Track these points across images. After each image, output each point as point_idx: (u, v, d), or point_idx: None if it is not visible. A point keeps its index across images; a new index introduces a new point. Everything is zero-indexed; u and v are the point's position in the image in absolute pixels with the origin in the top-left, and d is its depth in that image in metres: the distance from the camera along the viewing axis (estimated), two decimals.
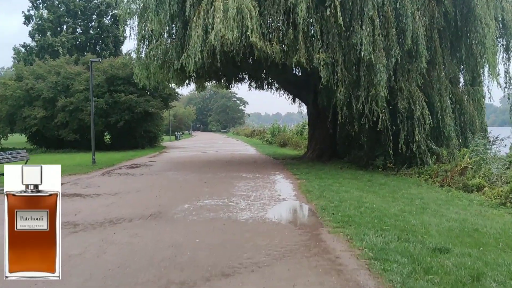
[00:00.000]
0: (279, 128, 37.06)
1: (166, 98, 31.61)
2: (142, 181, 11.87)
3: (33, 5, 41.52)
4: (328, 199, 8.79)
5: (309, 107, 18.83)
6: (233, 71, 16.49)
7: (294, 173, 13.65)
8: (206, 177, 12.71)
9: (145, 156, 22.78)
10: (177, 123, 76.62)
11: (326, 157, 18.15)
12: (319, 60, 13.12)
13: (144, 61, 14.99)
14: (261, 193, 9.76)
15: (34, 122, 27.10)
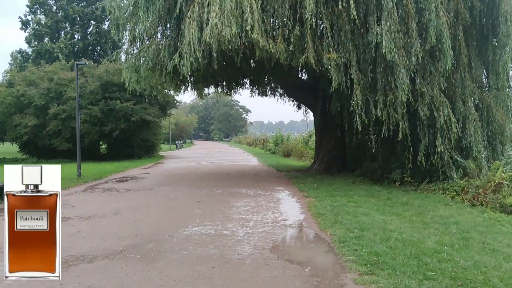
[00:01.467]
0: (282, 137, 35.45)
1: (164, 105, 30.12)
2: (125, 200, 10.26)
3: (31, 10, 40.34)
4: (345, 226, 7.15)
5: (316, 114, 17.23)
6: (233, 74, 14.91)
7: (301, 189, 12.02)
8: (200, 194, 11.09)
9: (139, 168, 21.20)
10: (178, 131, 75.31)
11: (335, 169, 16.50)
12: (330, 60, 11.54)
13: (134, 63, 13.45)
14: (263, 217, 8.12)
15: (25, 130, 25.64)
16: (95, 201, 9.98)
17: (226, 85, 17.84)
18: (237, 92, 19.17)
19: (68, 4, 39.45)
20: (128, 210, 8.76)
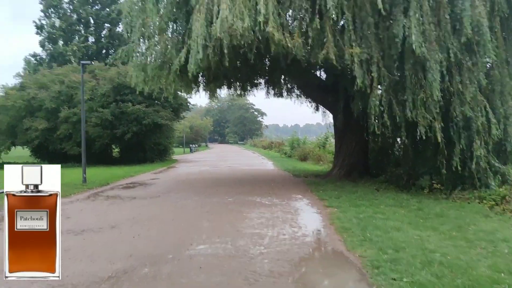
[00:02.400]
0: (298, 140, 34.31)
1: (177, 108, 29.30)
2: (128, 209, 9.34)
3: (45, 15, 40.18)
4: (377, 245, 6.07)
5: (336, 115, 16.11)
6: (247, 73, 13.90)
7: (320, 197, 10.94)
8: (210, 203, 10.11)
9: (150, 172, 20.37)
10: (193, 135, 74.87)
11: (356, 174, 15.34)
12: (352, 56, 10.46)
13: (140, 61, 12.58)
14: (280, 232, 7.08)
15: (36, 134, 25.11)
16: (94, 211, 9.09)
17: (239, 86, 16.84)
18: (251, 93, 18.15)
19: (81, 7, 39.15)
20: (128, 222, 7.82)
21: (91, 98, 25.97)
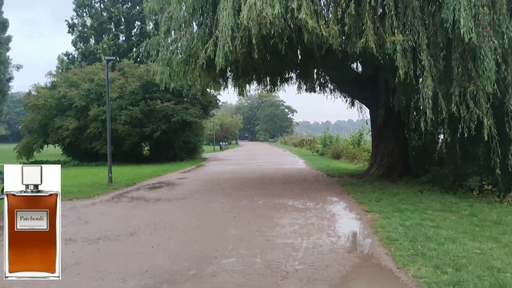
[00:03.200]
0: (331, 138, 33.11)
1: (206, 105, 28.79)
2: (150, 213, 8.71)
3: (77, 14, 40.65)
4: (432, 262, 5.13)
5: (373, 111, 15.04)
6: (277, 67, 13.03)
7: (359, 200, 9.98)
8: (238, 207, 9.35)
9: (178, 171, 19.87)
10: (223, 132, 74.77)
11: (396, 174, 14.25)
12: (394, 44, 9.44)
13: (166, 55, 11.96)
14: (316, 242, 6.23)
15: (67, 133, 25.13)
16: (115, 215, 8.49)
17: (269, 81, 16.01)
18: (281, 88, 17.23)
19: (113, 5, 39.33)
20: (148, 229, 7.16)
21: (120, 96, 25.82)
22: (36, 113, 26.48)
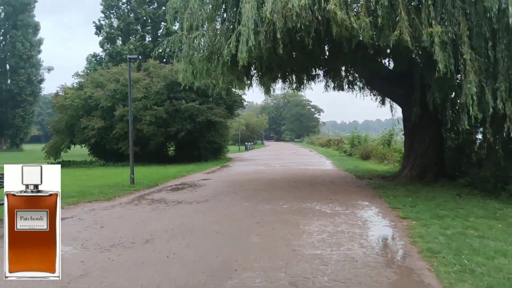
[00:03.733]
0: (359, 137, 32.11)
1: (231, 105, 28.43)
2: (169, 217, 8.27)
3: (104, 15, 41.10)
4: (483, 281, 4.44)
5: (406, 109, 14.19)
6: (303, 63, 12.39)
7: (392, 205, 9.26)
8: (262, 211, 8.81)
9: (202, 172, 19.51)
10: (249, 132, 74.45)
11: (430, 176, 13.37)
12: (432, 36, 8.70)
13: (188, 53, 11.55)
14: (347, 254, 5.61)
15: (92, 133, 25.24)
16: (133, 219, 8.09)
17: (295, 78, 15.38)
18: (308, 86, 16.52)
19: (139, 6, 39.53)
20: (166, 235, 6.71)
21: (145, 96, 25.75)
22: (63, 113, 26.76)
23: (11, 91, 56.34)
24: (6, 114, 56.89)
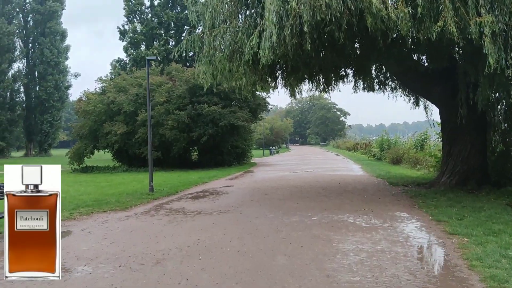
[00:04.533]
0: (389, 141, 30.74)
1: (255, 109, 27.62)
2: (186, 231, 7.49)
3: (128, 20, 41.15)
4: None
5: (444, 110, 13.04)
6: (332, 61, 11.40)
7: (435, 217, 8.21)
8: (288, 224, 7.92)
9: (225, 178, 18.76)
10: (273, 136, 73.67)
11: (473, 184, 12.17)
12: (482, 26, 7.66)
13: (208, 52, 10.81)
14: (392, 281, 4.66)
15: (115, 138, 24.88)
16: (146, 234, 7.34)
17: (322, 79, 14.42)
18: (336, 88, 15.48)
19: (162, 11, 39.36)
20: (180, 254, 5.91)
21: (168, 100, 25.26)
22: (86, 119, 26.58)
23: (40, 97, 57.34)
24: (35, 120, 57.94)
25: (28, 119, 57.48)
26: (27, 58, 57.73)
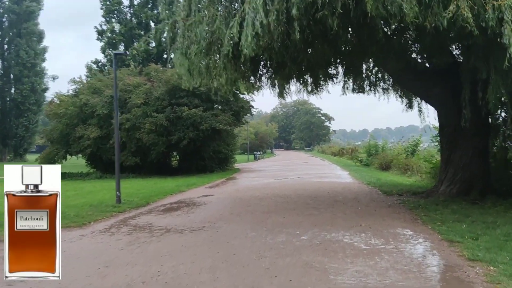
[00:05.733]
0: (376, 146, 29.74)
1: (238, 112, 26.27)
2: (146, 258, 6.05)
3: (106, 20, 39.43)
4: None
5: (443, 112, 11.93)
6: (323, 55, 10.01)
7: (445, 236, 6.97)
8: (273, 247, 6.57)
9: (205, 186, 17.35)
10: (258, 141, 72.45)
11: (476, 193, 11.06)
12: (501, 11, 6.51)
13: (182, 43, 9.44)
14: None
15: (88, 143, 23.25)
16: (95, 262, 5.88)
17: (311, 78, 13.15)
18: (324, 89, 14.20)
19: (141, 10, 37.80)
20: None
21: (146, 102, 23.74)
22: (57, 122, 24.88)
23: (15, 100, 54.95)
24: (10, 124, 55.47)
25: (3, 123, 55.01)
26: (2, 60, 55.39)
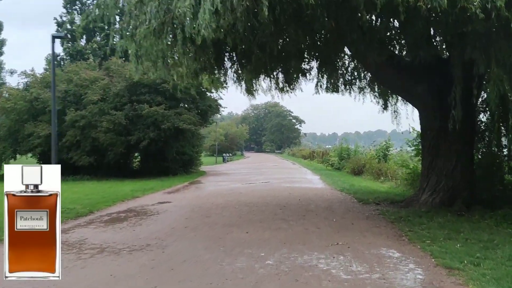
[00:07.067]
0: (349, 150, 28.84)
1: (205, 111, 24.76)
2: None
3: (67, 11, 36.98)
4: None
5: (425, 114, 10.85)
6: (297, 42, 8.59)
7: (439, 260, 5.75)
8: (229, 276, 5.15)
9: (163, 191, 15.73)
10: (228, 143, 70.88)
11: (460, 204, 10.03)
12: None
13: (129, 22, 7.92)
14: None
15: (38, 141, 21.15)
16: None
17: (282, 72, 11.83)
18: (297, 86, 12.96)
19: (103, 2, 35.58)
20: None
21: (103, 98, 21.87)
22: (5, 117, 22.59)
23: None
24: None
25: None
26: None
